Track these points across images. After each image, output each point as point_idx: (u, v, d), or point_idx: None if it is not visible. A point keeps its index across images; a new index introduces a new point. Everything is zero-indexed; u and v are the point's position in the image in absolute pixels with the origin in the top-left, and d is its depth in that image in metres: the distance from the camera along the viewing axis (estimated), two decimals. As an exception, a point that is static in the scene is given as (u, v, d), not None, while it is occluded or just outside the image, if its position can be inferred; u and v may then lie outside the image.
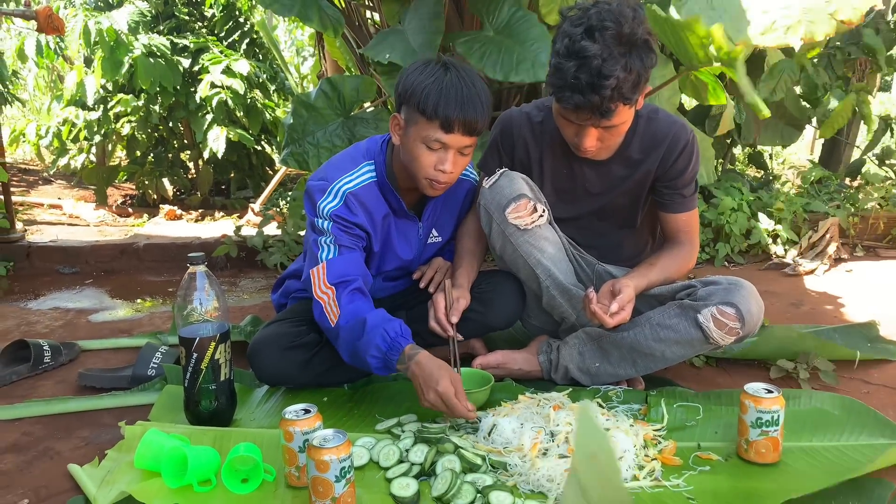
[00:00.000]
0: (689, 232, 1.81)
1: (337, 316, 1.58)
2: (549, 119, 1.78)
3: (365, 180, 1.70)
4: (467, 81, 1.56)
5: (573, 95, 1.48)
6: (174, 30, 4.94)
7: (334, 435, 1.22)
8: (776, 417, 1.37)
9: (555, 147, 1.79)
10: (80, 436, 1.63)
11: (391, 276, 1.94)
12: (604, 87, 1.45)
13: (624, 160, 1.75)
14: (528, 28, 2.40)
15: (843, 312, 2.48)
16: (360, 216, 1.68)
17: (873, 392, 1.80)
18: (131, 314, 2.64)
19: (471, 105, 1.54)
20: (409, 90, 1.57)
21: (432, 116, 1.54)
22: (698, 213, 1.85)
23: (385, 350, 1.50)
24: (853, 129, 4.58)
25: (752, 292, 1.62)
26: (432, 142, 1.57)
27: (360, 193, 1.68)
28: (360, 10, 3.39)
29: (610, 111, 1.49)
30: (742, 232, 3.25)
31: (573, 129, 1.60)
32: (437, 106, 1.53)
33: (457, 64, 1.61)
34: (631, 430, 1.46)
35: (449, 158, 1.59)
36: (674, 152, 1.71)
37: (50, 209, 4.93)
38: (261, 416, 1.68)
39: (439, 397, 1.43)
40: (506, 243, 1.76)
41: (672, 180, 1.74)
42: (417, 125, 1.58)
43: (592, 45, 1.44)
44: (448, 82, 1.55)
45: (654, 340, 1.67)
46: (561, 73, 1.49)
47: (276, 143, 5.31)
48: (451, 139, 1.56)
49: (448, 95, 1.53)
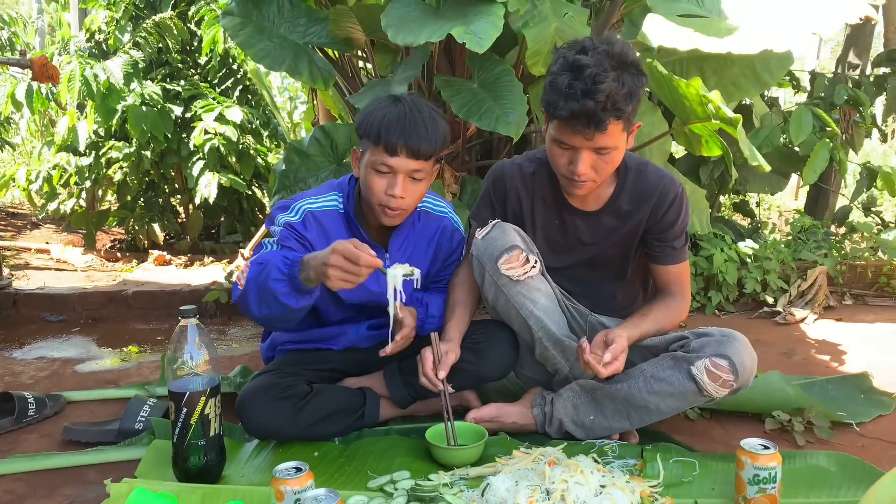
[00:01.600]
0: (681, 283, 1.82)
1: (245, 279, 1.59)
2: (540, 170, 1.81)
3: (328, 206, 1.78)
4: (413, 109, 1.66)
5: (568, 103, 1.51)
6: (168, 76, 4.99)
7: (326, 495, 1.20)
8: (773, 474, 1.36)
9: (546, 198, 1.81)
10: (64, 493, 1.59)
11: (375, 326, 1.94)
12: (598, 93, 1.48)
13: (614, 211, 1.77)
14: (510, 91, 2.52)
15: (835, 362, 2.49)
16: (314, 234, 1.74)
17: (868, 445, 1.79)
18: (119, 364, 2.61)
19: (414, 129, 1.63)
20: (362, 123, 1.68)
21: (377, 141, 1.64)
22: (689, 265, 1.86)
23: (287, 270, 1.51)
24: (837, 176, 4.65)
25: (744, 344, 1.62)
26: (380, 166, 1.65)
27: (319, 215, 1.75)
28: (353, 60, 3.44)
29: (603, 122, 1.51)
30: (734, 282, 3.27)
31: (567, 155, 1.62)
32: (380, 131, 1.63)
33: (408, 97, 1.70)
34: (627, 487, 1.44)
35: (398, 183, 1.65)
36: (663, 205, 1.73)
37: (38, 254, 4.90)
38: (250, 471, 1.64)
39: (340, 255, 1.42)
40: (498, 294, 1.76)
41: (662, 233, 1.76)
42: (368, 153, 1.68)
43: (585, 58, 1.51)
44: (393, 111, 1.65)
45: (648, 393, 1.67)
46: (555, 87, 1.54)
47: (267, 188, 5.33)
48: (396, 162, 1.64)
49: (391, 121, 1.63)
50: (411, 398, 1.85)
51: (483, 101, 2.47)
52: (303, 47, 2.81)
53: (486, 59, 2.63)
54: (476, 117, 2.42)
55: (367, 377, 1.91)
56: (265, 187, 5.31)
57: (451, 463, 1.62)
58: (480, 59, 2.62)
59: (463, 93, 2.51)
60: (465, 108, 2.44)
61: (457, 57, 3.05)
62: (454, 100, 2.47)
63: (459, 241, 1.95)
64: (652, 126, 2.89)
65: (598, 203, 1.77)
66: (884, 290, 3.48)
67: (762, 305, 3.27)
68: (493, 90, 2.53)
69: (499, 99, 2.48)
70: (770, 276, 3.30)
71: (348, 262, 1.43)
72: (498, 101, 2.47)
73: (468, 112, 2.43)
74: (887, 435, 1.85)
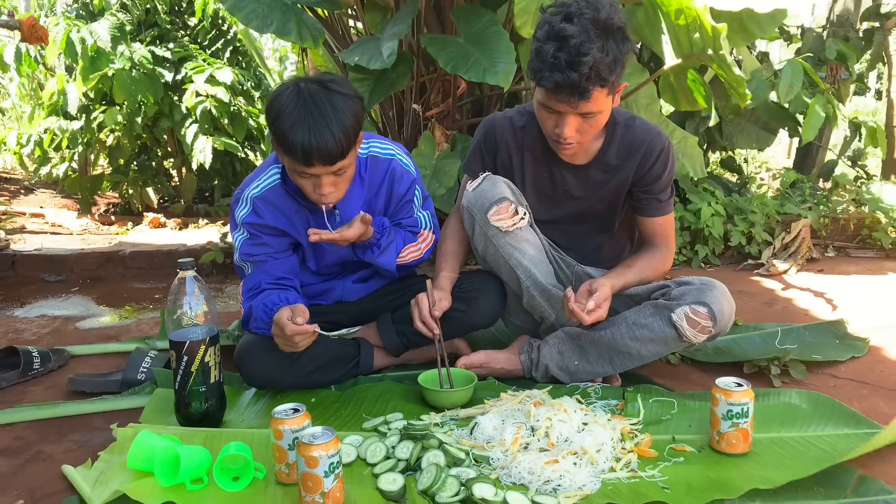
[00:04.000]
0: (665, 235, 1.87)
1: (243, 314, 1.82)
2: (530, 124, 1.84)
3: (269, 184, 1.79)
4: (316, 110, 1.55)
5: (553, 74, 1.54)
6: (156, 39, 4.95)
7: (323, 432, 1.27)
8: (746, 410, 1.44)
9: (536, 151, 1.85)
10: (72, 439, 1.66)
11: (361, 278, 2.01)
12: (582, 65, 1.51)
13: (602, 166, 1.81)
14: (497, 41, 2.53)
15: (814, 311, 2.57)
16: (268, 217, 1.77)
17: (840, 385, 1.88)
18: (118, 321, 2.67)
19: (321, 137, 1.54)
20: (269, 122, 1.61)
21: (288, 152, 1.58)
22: (674, 218, 1.91)
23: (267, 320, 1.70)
24: (826, 132, 4.70)
25: (723, 292, 1.69)
26: (300, 173, 1.62)
27: (265, 196, 1.78)
28: (343, 19, 3.44)
29: (588, 91, 1.55)
30: (720, 235, 3.34)
31: (553, 119, 1.66)
32: (292, 146, 1.55)
33: (312, 88, 1.58)
34: (608, 424, 1.52)
35: (323, 183, 1.63)
36: (650, 159, 1.78)
37: (32, 218, 4.93)
38: (250, 417, 1.72)
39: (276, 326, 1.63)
40: (488, 245, 1.82)
41: (648, 185, 1.81)
42: (282, 157, 1.64)
43: (570, 27, 1.52)
44: (297, 117, 1.54)
45: (631, 339, 1.74)
46: (541, 55, 1.56)
47: (260, 150, 5.34)
48: (315, 171, 1.60)
49: (296, 131, 1.54)
50: (404, 346, 1.92)
51: (469, 54, 2.49)
52: (291, 7, 2.81)
53: (471, 12, 2.64)
54: (463, 70, 2.44)
55: (360, 328, 1.97)
56: (258, 149, 5.32)
57: (442, 405, 1.70)
58: (465, 11, 2.63)
59: (449, 48, 2.52)
60: (451, 62, 2.46)
61: (445, 15, 3.06)
62: (440, 55, 2.49)
63: (410, 183, 1.90)
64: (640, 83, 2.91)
65: (586, 157, 1.81)
66: (865, 242, 3.56)
67: (747, 258, 3.35)
68: (479, 42, 2.55)
69: (485, 50, 2.49)
70: (755, 230, 3.37)
71: (282, 335, 1.63)
72: (485, 52, 2.49)
73: (455, 66, 2.45)
74: (859, 376, 1.93)
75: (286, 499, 1.33)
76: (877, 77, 4.57)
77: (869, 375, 1.94)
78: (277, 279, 1.81)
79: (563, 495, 1.30)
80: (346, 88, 1.62)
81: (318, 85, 1.59)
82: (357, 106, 1.62)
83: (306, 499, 1.26)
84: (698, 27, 2.33)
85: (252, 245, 1.79)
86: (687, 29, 2.30)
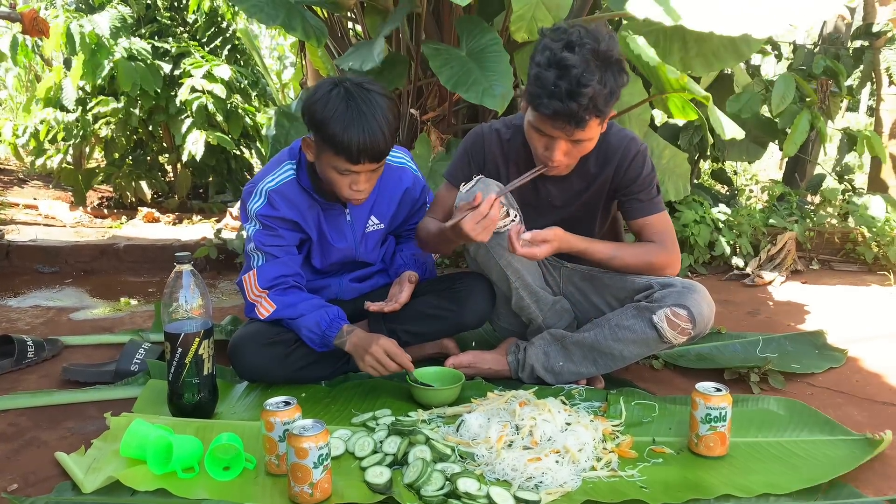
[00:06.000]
0: (659, 234, 1.87)
1: (270, 310, 1.82)
2: (516, 137, 1.89)
3: (285, 178, 1.83)
4: (367, 111, 1.62)
5: (552, 102, 1.57)
6: (155, 34, 4.98)
7: (313, 424, 1.31)
8: (724, 414, 1.48)
9: (520, 164, 1.89)
10: (66, 427, 1.69)
11: (356, 279, 2.05)
12: (581, 95, 1.55)
13: (583, 174, 1.86)
14: (497, 62, 2.58)
15: (796, 321, 2.62)
16: (283, 209, 1.82)
17: (816, 394, 1.93)
18: (112, 313, 2.70)
19: (374, 137, 1.62)
20: (315, 122, 1.65)
21: (338, 152, 1.64)
22: (668, 219, 1.91)
23: (324, 328, 1.76)
24: (815, 147, 4.77)
25: (704, 295, 1.74)
26: (343, 171, 1.68)
27: (280, 189, 1.82)
28: (343, 21, 3.48)
29: (584, 121, 1.59)
30: (705, 244, 3.39)
31: (544, 141, 1.70)
32: (342, 142, 1.61)
33: (356, 90, 1.65)
34: (591, 425, 1.57)
35: (361, 180, 1.71)
36: (625, 161, 1.83)
37: (26, 209, 4.93)
38: (241, 409, 1.75)
39: (382, 351, 1.69)
40: (479, 245, 1.85)
41: (627, 187, 1.85)
42: (327, 155, 1.68)
43: (572, 56, 1.55)
44: (351, 116, 1.61)
45: (613, 340, 1.79)
46: (541, 82, 1.58)
47: (255, 148, 5.37)
48: (360, 168, 1.67)
49: (350, 131, 1.60)
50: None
51: (470, 72, 2.53)
52: (294, 6, 2.84)
53: (475, 25, 2.69)
54: (463, 89, 2.48)
55: (353, 326, 2.01)
56: (254, 147, 5.35)
57: (430, 403, 1.74)
58: (469, 23, 2.68)
59: (451, 63, 2.57)
60: (452, 79, 2.51)
61: (445, 19, 3.11)
62: (442, 71, 2.53)
63: (422, 189, 2.04)
64: (632, 96, 2.97)
65: (568, 169, 1.85)
66: (849, 256, 3.62)
67: (733, 269, 3.41)
68: (481, 60, 2.60)
69: (486, 70, 2.54)
70: (741, 241, 3.43)
71: (385, 359, 1.71)
72: (485, 72, 2.54)
73: (455, 84, 2.50)
74: (835, 385, 1.99)
75: (275, 489, 1.37)
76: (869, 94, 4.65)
77: (845, 384, 1.99)
78: (296, 274, 1.86)
79: (544, 492, 1.34)
80: (382, 89, 1.71)
81: (359, 86, 1.66)
82: (394, 105, 1.71)
83: (295, 489, 1.30)
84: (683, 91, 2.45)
85: (267, 235, 1.83)
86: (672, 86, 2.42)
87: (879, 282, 3.28)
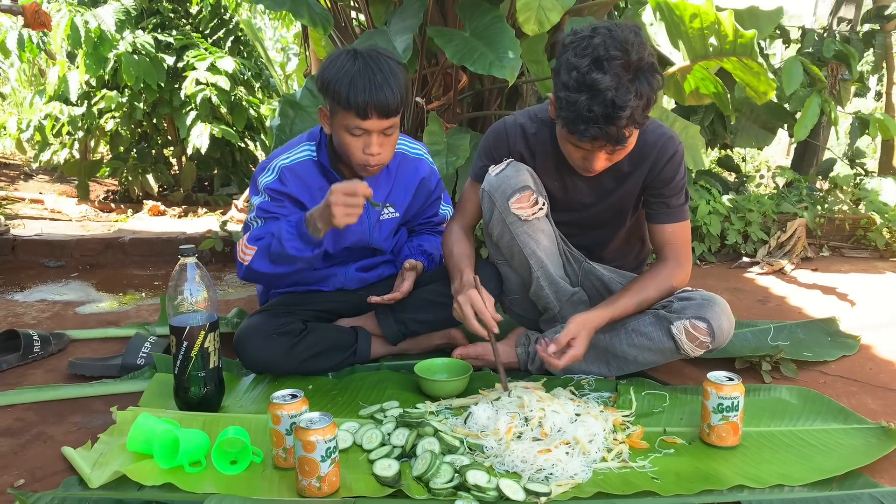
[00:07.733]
0: (675, 246, 1.79)
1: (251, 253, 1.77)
2: (541, 131, 1.81)
3: (301, 157, 1.84)
4: (374, 67, 1.66)
5: (589, 128, 1.50)
6: (159, 27, 4.96)
7: (320, 417, 1.29)
8: (736, 403, 1.46)
9: (547, 159, 1.82)
10: (72, 421, 1.69)
11: (363, 268, 2.03)
12: (619, 118, 1.47)
13: (614, 173, 1.77)
14: (503, 36, 2.56)
15: (807, 308, 2.60)
16: (292, 187, 1.82)
17: (829, 382, 1.91)
18: (118, 306, 2.69)
19: (380, 90, 1.65)
20: (326, 83, 1.69)
21: (347, 106, 1.66)
22: (688, 229, 1.83)
23: (295, 230, 1.71)
24: (824, 132, 4.73)
25: (724, 308, 1.70)
26: (353, 129, 1.69)
27: (294, 168, 1.83)
28: (346, 10, 3.45)
29: (625, 138, 1.53)
30: (717, 233, 3.36)
31: (581, 153, 1.63)
32: (349, 96, 1.64)
33: (366, 51, 1.70)
34: (601, 416, 1.55)
35: (373, 141, 1.71)
36: (660, 162, 1.74)
37: (31, 203, 4.94)
38: (248, 402, 1.74)
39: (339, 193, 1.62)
40: (504, 231, 1.81)
41: (658, 189, 1.77)
42: (338, 115, 1.70)
43: (603, 76, 1.45)
44: (356, 71, 1.65)
45: (629, 346, 1.76)
46: (573, 107, 1.49)
47: (260, 141, 5.35)
48: (369, 124, 1.68)
49: (357, 84, 1.64)
50: (402, 335, 1.94)
51: (476, 47, 2.52)
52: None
53: (477, 8, 2.66)
54: (470, 62, 2.46)
55: (359, 317, 2.00)
56: (258, 139, 5.33)
57: (438, 394, 1.72)
58: (471, 7, 2.65)
59: (455, 41, 2.55)
60: (458, 54, 2.48)
61: (449, 9, 3.07)
62: (447, 47, 2.52)
63: (437, 182, 2.04)
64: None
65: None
66: (860, 243, 3.58)
67: (743, 256, 3.38)
68: (485, 37, 2.58)
69: (491, 44, 2.52)
70: (751, 228, 3.40)
71: (347, 196, 1.61)
72: (491, 46, 2.51)
73: (462, 58, 2.47)
74: (849, 373, 1.96)
75: (283, 482, 1.36)
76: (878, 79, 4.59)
77: (859, 372, 1.96)
78: None
79: (554, 483, 1.32)
80: (393, 56, 1.74)
81: (373, 51, 1.71)
82: (406, 73, 1.73)
83: (303, 482, 1.28)
84: (715, 31, 2.33)
85: (271, 205, 1.82)
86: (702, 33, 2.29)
87: (891, 268, 3.25)
